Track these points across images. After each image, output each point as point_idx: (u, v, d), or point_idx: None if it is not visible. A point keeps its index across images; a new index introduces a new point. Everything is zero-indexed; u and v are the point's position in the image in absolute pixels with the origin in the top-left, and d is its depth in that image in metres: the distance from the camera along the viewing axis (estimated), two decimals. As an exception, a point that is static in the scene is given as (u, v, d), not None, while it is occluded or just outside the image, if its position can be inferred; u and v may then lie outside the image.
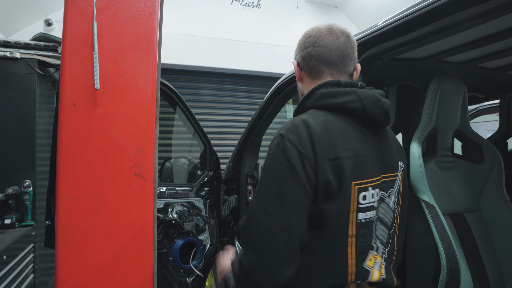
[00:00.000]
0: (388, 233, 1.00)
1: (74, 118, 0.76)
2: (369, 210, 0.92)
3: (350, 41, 1.07)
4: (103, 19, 0.78)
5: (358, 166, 0.90)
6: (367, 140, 0.96)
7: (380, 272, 0.95)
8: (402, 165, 1.09)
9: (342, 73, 1.06)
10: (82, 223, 0.75)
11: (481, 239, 1.57)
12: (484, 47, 1.52)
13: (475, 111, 3.26)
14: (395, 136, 1.15)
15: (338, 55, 1.03)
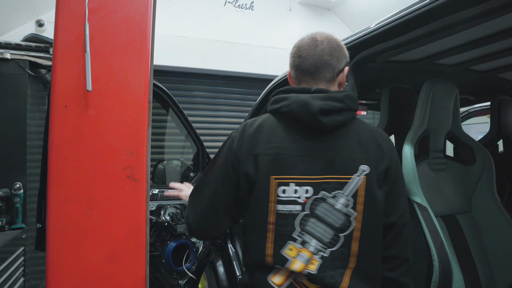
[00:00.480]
0: (333, 235, 1.04)
1: (66, 120, 0.75)
2: (290, 204, 1.03)
3: (330, 48, 1.14)
4: (95, 20, 0.77)
5: (278, 162, 1.03)
6: (301, 141, 1.06)
7: (306, 266, 1.01)
8: (366, 169, 1.05)
9: (317, 80, 1.14)
10: (74, 226, 0.74)
11: (473, 240, 1.58)
12: (475, 50, 1.54)
13: (467, 113, 3.29)
14: (376, 139, 1.10)
15: (312, 64, 1.13)
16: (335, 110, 1.06)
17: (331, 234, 1.04)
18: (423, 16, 1.18)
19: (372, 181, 1.05)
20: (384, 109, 1.81)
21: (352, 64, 1.53)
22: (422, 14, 1.18)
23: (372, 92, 2.24)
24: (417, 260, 1.38)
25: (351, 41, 1.52)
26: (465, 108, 3.19)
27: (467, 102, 2.61)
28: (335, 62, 1.15)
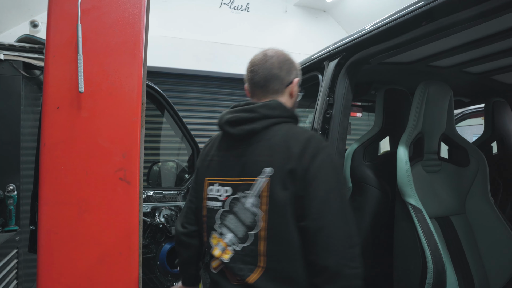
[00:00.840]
0: (245, 231, 1.14)
1: (58, 121, 0.74)
2: (213, 201, 1.21)
3: (279, 62, 1.27)
4: (88, 21, 0.77)
5: (210, 167, 1.25)
6: (230, 149, 1.23)
7: (222, 254, 1.16)
8: (269, 171, 1.11)
9: (266, 93, 1.27)
10: (66, 228, 0.73)
11: (467, 241, 1.59)
12: (470, 52, 1.55)
13: (461, 115, 3.31)
14: (288, 143, 1.13)
15: (262, 77, 1.26)
16: (244, 120, 1.19)
17: (243, 231, 1.14)
18: (416, 18, 1.18)
19: (275, 182, 1.09)
20: (379, 111, 1.81)
21: (347, 66, 1.53)
22: (416, 17, 1.18)
23: (368, 93, 2.25)
24: (411, 261, 1.38)
25: (345, 43, 1.53)
26: (459, 110, 3.21)
27: (462, 104, 2.63)
28: (284, 74, 1.28)
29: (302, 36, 5.82)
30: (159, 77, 4.99)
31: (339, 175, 1.17)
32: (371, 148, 1.76)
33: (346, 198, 1.14)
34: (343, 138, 1.52)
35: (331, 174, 1.11)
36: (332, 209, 1.08)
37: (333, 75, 1.57)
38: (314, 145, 1.12)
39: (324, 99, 1.56)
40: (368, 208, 1.63)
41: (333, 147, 1.48)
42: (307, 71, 1.83)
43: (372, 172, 1.68)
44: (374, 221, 1.62)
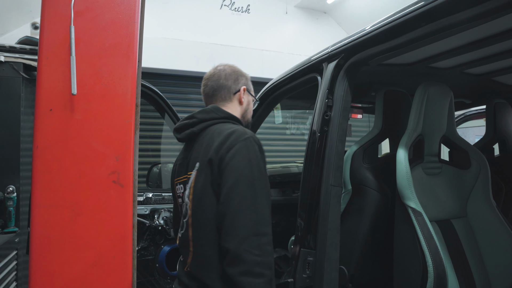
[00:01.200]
0: (182, 220, 1.32)
1: (51, 123, 0.73)
2: (179, 198, 1.36)
3: (226, 74, 1.50)
4: (82, 22, 0.76)
5: (176, 170, 1.43)
6: (183, 152, 1.43)
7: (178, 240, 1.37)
8: (197, 165, 1.25)
9: (215, 101, 1.48)
10: (58, 232, 0.72)
11: (468, 245, 1.57)
12: (470, 53, 1.53)
13: (463, 117, 3.29)
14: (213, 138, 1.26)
15: (211, 88, 1.49)
16: (186, 126, 1.38)
17: (181, 220, 1.31)
18: (415, 19, 1.17)
19: (199, 174, 1.23)
20: (379, 112, 1.80)
21: (346, 68, 1.52)
22: (415, 17, 1.17)
23: (368, 95, 2.23)
24: (411, 266, 1.36)
25: (344, 44, 1.52)
26: (461, 111, 3.19)
27: (463, 106, 2.61)
28: (230, 84, 1.50)
29: (302, 38, 5.82)
30: (159, 78, 4.99)
31: (255, 165, 1.20)
32: (371, 150, 1.74)
33: (260, 188, 1.18)
34: (342, 140, 1.50)
35: (243, 162, 1.18)
36: (238, 195, 1.15)
37: (332, 76, 1.55)
38: (234, 137, 1.23)
39: (323, 101, 1.54)
40: (367, 211, 1.62)
41: (331, 149, 1.46)
42: (306, 73, 1.82)
43: (372, 175, 1.66)
44: (374, 224, 1.60)
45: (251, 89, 1.59)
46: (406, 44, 1.26)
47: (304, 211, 1.46)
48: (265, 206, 1.18)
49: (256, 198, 1.16)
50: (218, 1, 5.36)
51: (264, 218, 1.16)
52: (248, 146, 1.21)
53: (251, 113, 1.61)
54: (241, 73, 1.56)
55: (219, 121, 1.37)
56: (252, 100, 1.60)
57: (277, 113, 3.31)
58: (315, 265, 1.39)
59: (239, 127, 1.32)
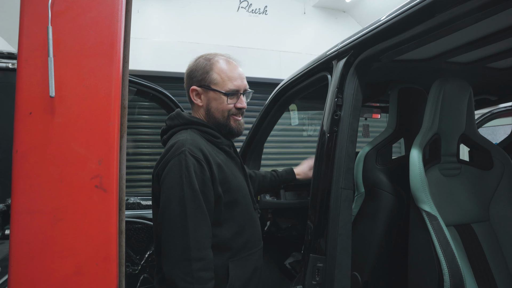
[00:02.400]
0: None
1: (30, 127, 0.72)
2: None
3: (186, 72, 1.44)
4: (62, 23, 0.74)
5: None
6: None
7: None
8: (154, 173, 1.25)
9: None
10: (39, 238, 0.71)
11: (491, 252, 1.46)
12: (493, 45, 1.42)
13: (489, 114, 3.14)
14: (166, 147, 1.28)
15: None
16: (163, 132, 1.40)
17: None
18: (425, 9, 1.09)
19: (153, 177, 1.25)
20: (393, 111, 1.72)
21: (356, 65, 1.45)
22: (425, 8, 1.09)
23: (385, 94, 2.15)
24: (426, 274, 1.28)
25: (352, 40, 1.45)
26: (488, 108, 3.03)
27: (488, 103, 2.47)
28: (186, 84, 1.44)
29: (321, 38, 5.73)
30: (177, 82, 5.02)
31: (186, 183, 1.12)
32: (385, 151, 1.66)
33: (192, 208, 1.12)
34: (353, 141, 1.43)
35: (175, 181, 1.12)
36: (169, 217, 1.12)
37: (342, 74, 1.49)
38: (171, 152, 1.18)
39: (333, 100, 1.48)
40: (381, 215, 1.54)
41: (341, 150, 1.39)
42: (316, 72, 1.77)
43: (385, 177, 1.58)
44: (388, 229, 1.52)
45: (211, 82, 1.38)
46: (417, 37, 1.18)
47: (314, 215, 1.40)
48: (197, 227, 1.12)
49: (187, 220, 1.10)
50: (235, 3, 5.35)
51: (197, 241, 1.10)
52: (181, 161, 1.14)
53: (221, 110, 1.40)
54: (194, 67, 1.40)
55: (180, 128, 1.34)
56: (219, 95, 1.38)
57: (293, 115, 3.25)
58: (325, 272, 1.33)
59: (184, 137, 1.24)
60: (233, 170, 1.37)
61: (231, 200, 1.29)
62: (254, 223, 1.41)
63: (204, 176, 1.17)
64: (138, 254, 2.11)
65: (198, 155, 1.18)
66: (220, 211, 1.25)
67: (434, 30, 1.11)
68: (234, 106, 1.42)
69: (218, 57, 1.42)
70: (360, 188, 1.64)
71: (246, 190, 1.41)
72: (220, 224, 1.26)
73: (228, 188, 1.28)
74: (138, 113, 4.87)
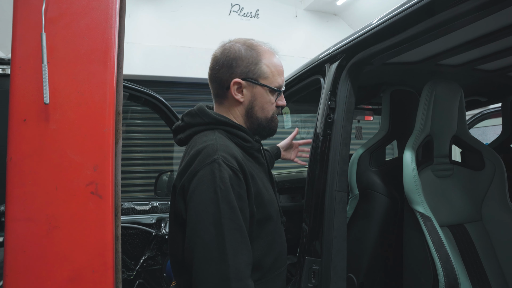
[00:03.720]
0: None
1: (25, 134, 0.71)
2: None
3: (213, 61, 1.19)
4: (55, 29, 0.74)
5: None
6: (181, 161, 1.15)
7: None
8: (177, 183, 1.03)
9: (213, 97, 1.22)
10: (34, 246, 0.70)
11: (484, 251, 1.48)
12: (482, 48, 1.44)
13: (480, 115, 3.17)
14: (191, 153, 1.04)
15: (208, 80, 1.21)
16: (178, 130, 1.18)
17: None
18: (416, 13, 1.11)
19: (175, 191, 1.03)
20: (385, 113, 1.73)
21: (348, 68, 1.46)
22: (416, 11, 1.11)
23: (377, 96, 2.17)
24: (421, 274, 1.29)
25: (345, 44, 1.46)
26: (478, 110, 3.07)
27: (479, 104, 2.50)
28: (223, 74, 1.14)
29: (313, 41, 5.76)
30: (171, 86, 5.02)
31: (222, 198, 0.93)
32: (378, 153, 1.67)
33: (230, 229, 0.93)
34: (347, 144, 1.44)
35: (207, 196, 0.94)
36: (202, 241, 0.93)
37: (334, 78, 1.50)
38: (199, 160, 0.99)
39: (326, 103, 1.49)
40: (376, 217, 1.55)
41: (335, 152, 1.40)
42: (309, 75, 1.78)
43: (379, 178, 1.59)
44: (383, 230, 1.53)
45: (260, 75, 1.16)
46: (408, 40, 1.20)
47: (309, 217, 1.41)
48: (237, 253, 0.93)
49: (225, 243, 0.91)
50: (227, 7, 5.37)
51: (237, 269, 0.92)
52: (214, 171, 0.95)
53: (267, 110, 1.19)
54: (238, 54, 1.15)
55: (204, 128, 1.12)
56: (267, 91, 1.17)
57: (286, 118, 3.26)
58: (320, 274, 1.33)
59: (213, 141, 1.03)
60: (264, 181, 1.15)
61: (264, 216, 1.08)
62: (282, 238, 1.20)
63: (241, 190, 0.99)
64: (133, 260, 2.10)
65: (234, 164, 0.99)
66: (251, 230, 1.05)
67: (425, 33, 1.13)
68: (276, 104, 1.22)
69: (263, 46, 1.22)
70: (354, 190, 1.65)
71: (276, 202, 1.19)
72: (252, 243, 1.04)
73: (261, 203, 1.07)
74: (131, 118, 4.85)
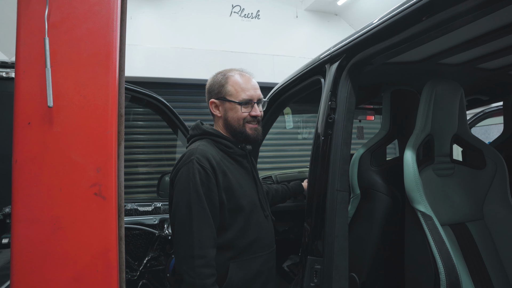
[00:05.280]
0: None
1: (29, 137, 0.73)
2: None
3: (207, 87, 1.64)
4: (58, 34, 0.75)
5: None
6: None
7: None
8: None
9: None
10: (39, 247, 0.71)
11: (486, 250, 1.48)
12: (482, 47, 1.44)
13: (482, 114, 3.17)
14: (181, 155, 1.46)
15: None
16: (187, 140, 1.58)
17: None
18: (415, 12, 1.11)
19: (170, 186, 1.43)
20: (386, 113, 1.74)
21: (348, 68, 1.47)
22: (415, 11, 1.11)
23: (378, 96, 2.17)
24: (422, 273, 1.29)
25: (345, 44, 1.47)
26: (480, 108, 3.06)
27: (480, 103, 2.50)
28: (206, 98, 1.62)
29: (314, 41, 5.76)
30: (172, 87, 5.03)
31: (192, 188, 1.28)
32: (379, 152, 1.68)
33: (197, 211, 1.27)
34: (348, 143, 1.45)
35: (184, 186, 1.29)
36: (178, 218, 1.30)
37: (335, 78, 1.51)
38: (182, 160, 1.36)
39: (326, 103, 1.50)
40: (377, 216, 1.55)
41: (336, 152, 1.41)
42: (310, 75, 1.78)
43: (380, 178, 1.60)
44: (384, 230, 1.54)
45: (228, 93, 1.53)
46: (408, 40, 1.20)
47: (311, 217, 1.42)
48: (201, 228, 1.26)
49: (192, 221, 1.26)
50: (228, 8, 5.38)
51: (200, 240, 1.25)
52: (189, 169, 1.31)
53: (237, 119, 1.53)
54: (212, 82, 1.59)
55: (197, 138, 1.51)
56: (233, 104, 1.52)
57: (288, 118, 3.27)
58: (322, 273, 1.34)
59: (195, 147, 1.40)
60: (239, 179, 1.47)
61: (234, 206, 1.40)
62: (261, 229, 1.49)
63: (209, 182, 1.32)
64: (136, 260, 2.11)
65: (204, 163, 1.33)
66: (224, 216, 1.37)
67: (425, 32, 1.13)
68: (249, 114, 1.53)
69: (232, 72, 1.58)
70: (356, 190, 1.65)
71: (253, 197, 1.51)
72: (225, 228, 1.38)
73: (232, 195, 1.39)
74: (133, 119, 4.87)
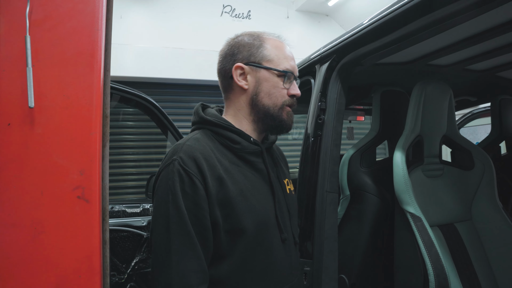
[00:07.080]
0: None
1: (9, 139, 0.70)
2: None
3: (219, 55, 1.12)
4: (40, 32, 0.73)
5: None
6: None
7: None
8: None
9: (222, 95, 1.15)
10: (19, 252, 0.69)
11: (474, 250, 1.49)
12: (471, 48, 1.45)
13: (470, 115, 3.20)
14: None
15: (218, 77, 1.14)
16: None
17: None
18: (406, 14, 1.11)
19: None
20: (376, 114, 1.74)
21: (338, 69, 1.47)
22: (405, 12, 1.11)
23: (368, 96, 2.17)
24: (412, 274, 1.30)
25: (335, 45, 1.47)
26: (468, 109, 3.09)
27: (468, 103, 2.52)
28: (226, 64, 1.08)
29: (305, 42, 5.76)
30: (162, 87, 5.00)
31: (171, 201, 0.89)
32: (368, 153, 1.68)
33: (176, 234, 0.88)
34: (337, 144, 1.45)
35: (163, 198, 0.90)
36: (154, 243, 0.92)
37: (325, 78, 1.50)
38: (163, 161, 0.96)
39: (316, 104, 1.49)
40: (367, 217, 1.55)
41: (326, 153, 1.40)
42: (299, 76, 1.77)
43: (370, 179, 1.60)
44: (374, 231, 1.54)
45: (263, 58, 1.05)
46: (397, 41, 1.20)
47: (300, 219, 1.41)
48: (183, 259, 0.88)
49: (170, 249, 0.88)
50: (219, 8, 5.36)
51: (182, 277, 0.87)
52: (169, 174, 0.91)
53: (274, 96, 1.06)
54: (237, 44, 1.08)
55: (195, 127, 1.08)
56: (273, 74, 1.05)
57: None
58: (312, 275, 1.33)
59: (183, 141, 0.98)
60: (244, 187, 0.99)
61: (233, 228, 0.95)
62: (272, 257, 1.01)
63: (196, 195, 0.90)
64: (124, 263, 2.08)
65: (189, 166, 0.91)
66: (220, 241, 0.94)
67: (415, 33, 1.13)
68: (288, 93, 1.08)
69: (267, 34, 1.12)
70: (345, 191, 1.65)
71: (265, 213, 1.01)
72: (221, 257, 0.95)
73: (231, 212, 0.94)
74: (123, 120, 4.82)
